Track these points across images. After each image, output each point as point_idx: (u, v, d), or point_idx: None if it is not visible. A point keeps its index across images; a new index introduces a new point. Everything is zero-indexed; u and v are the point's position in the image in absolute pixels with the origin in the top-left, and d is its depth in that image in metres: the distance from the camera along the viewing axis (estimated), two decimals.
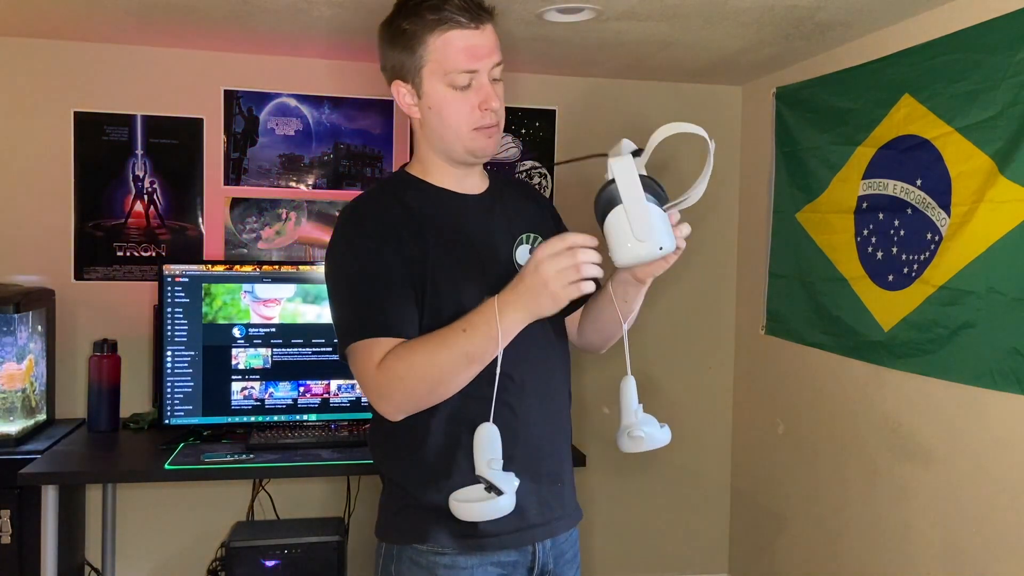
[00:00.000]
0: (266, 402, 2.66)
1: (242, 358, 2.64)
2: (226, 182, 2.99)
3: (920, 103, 2.29)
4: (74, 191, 2.87)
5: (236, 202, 3.00)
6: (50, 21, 2.61)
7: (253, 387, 2.65)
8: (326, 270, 1.44)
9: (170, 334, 2.59)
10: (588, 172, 1.38)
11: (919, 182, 2.30)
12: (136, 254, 2.92)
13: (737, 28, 2.50)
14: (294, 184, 3.04)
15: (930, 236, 2.24)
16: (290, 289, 2.67)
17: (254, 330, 2.65)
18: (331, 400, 2.70)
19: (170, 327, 2.59)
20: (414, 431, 1.38)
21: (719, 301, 3.42)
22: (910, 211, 2.33)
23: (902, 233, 2.36)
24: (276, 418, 2.66)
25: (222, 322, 2.63)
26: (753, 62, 2.94)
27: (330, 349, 2.67)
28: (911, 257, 2.32)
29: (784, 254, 2.99)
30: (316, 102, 3.04)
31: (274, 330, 2.66)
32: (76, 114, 2.86)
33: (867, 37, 2.55)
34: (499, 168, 3.12)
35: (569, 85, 3.23)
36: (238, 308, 2.64)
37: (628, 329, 1.40)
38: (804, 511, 2.91)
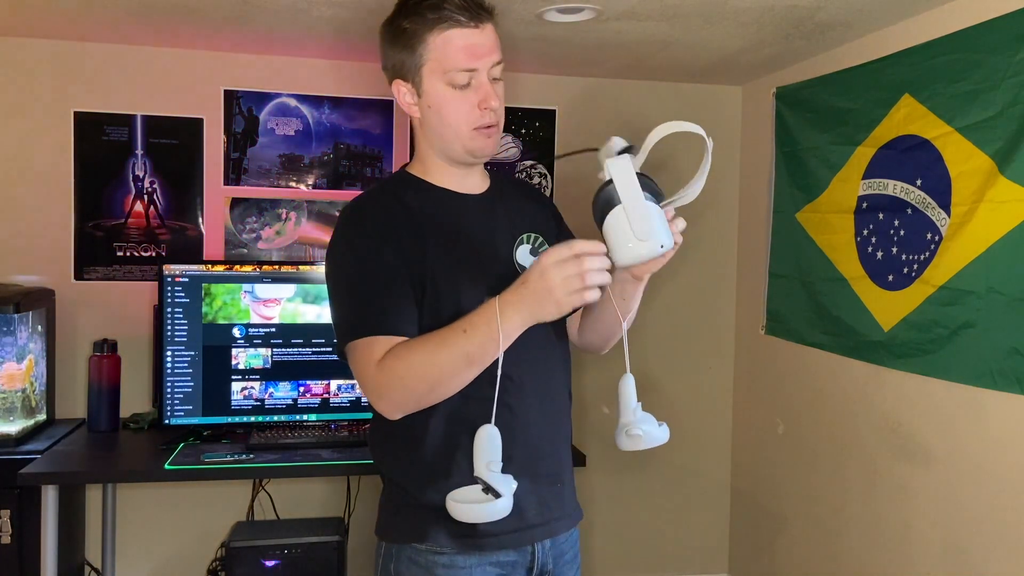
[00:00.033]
0: (266, 402, 2.66)
1: (242, 358, 2.64)
2: (226, 182, 2.99)
3: (920, 103, 2.29)
4: (74, 191, 2.87)
5: (236, 202, 3.00)
6: (50, 21, 2.61)
7: (253, 387, 2.65)
8: (326, 270, 1.44)
9: (170, 334, 2.59)
10: (588, 171, 1.37)
11: (919, 182, 2.30)
12: (136, 254, 2.92)
13: (737, 28, 2.50)
14: (294, 184, 3.04)
15: (930, 236, 2.24)
16: (290, 289, 2.68)
17: (254, 330, 2.65)
18: (331, 400, 2.70)
19: (170, 327, 2.59)
20: (413, 430, 1.39)
21: (719, 301, 3.42)
22: (910, 211, 2.33)
23: (902, 233, 2.36)
24: (276, 418, 2.66)
25: (222, 322, 2.63)
26: (753, 62, 2.94)
27: (330, 349, 2.67)
28: (911, 257, 2.32)
29: (784, 254, 2.99)
30: (316, 102, 3.04)
31: (274, 330, 2.66)
32: (76, 114, 2.86)
33: (867, 37, 2.55)
34: (499, 168, 3.12)
35: (569, 85, 3.23)
36: (238, 308, 2.64)
37: (628, 328, 1.40)
38: (804, 511, 2.91)
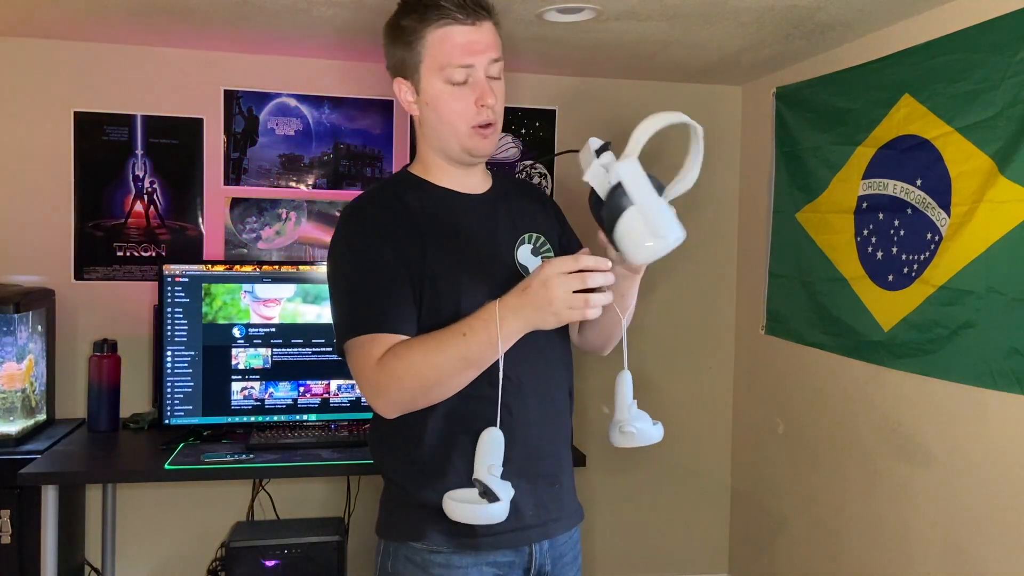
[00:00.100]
0: (266, 402, 2.66)
1: (242, 358, 2.64)
2: (226, 182, 2.99)
3: (920, 103, 2.29)
4: (74, 191, 2.87)
5: (236, 202, 3.00)
6: (50, 21, 2.61)
7: (253, 387, 2.65)
8: (327, 269, 1.44)
9: (170, 334, 2.59)
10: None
11: (919, 182, 2.30)
12: (136, 254, 2.92)
13: (737, 28, 2.50)
14: (294, 184, 3.04)
15: (930, 236, 2.24)
16: (290, 289, 2.67)
17: (254, 330, 2.65)
18: (331, 400, 2.70)
19: (170, 327, 2.59)
20: (412, 430, 1.39)
21: (719, 301, 3.42)
22: (910, 211, 2.33)
23: (902, 233, 2.36)
24: (276, 418, 2.66)
25: (222, 322, 2.63)
26: (753, 62, 2.94)
27: (330, 349, 2.67)
28: (911, 257, 2.32)
29: (784, 254, 2.99)
30: (316, 102, 3.04)
31: (274, 330, 2.66)
32: (76, 114, 2.86)
33: (867, 37, 2.55)
34: (499, 168, 3.12)
35: (569, 85, 3.23)
36: (238, 308, 2.64)
37: (627, 325, 1.40)
38: (804, 511, 2.90)
